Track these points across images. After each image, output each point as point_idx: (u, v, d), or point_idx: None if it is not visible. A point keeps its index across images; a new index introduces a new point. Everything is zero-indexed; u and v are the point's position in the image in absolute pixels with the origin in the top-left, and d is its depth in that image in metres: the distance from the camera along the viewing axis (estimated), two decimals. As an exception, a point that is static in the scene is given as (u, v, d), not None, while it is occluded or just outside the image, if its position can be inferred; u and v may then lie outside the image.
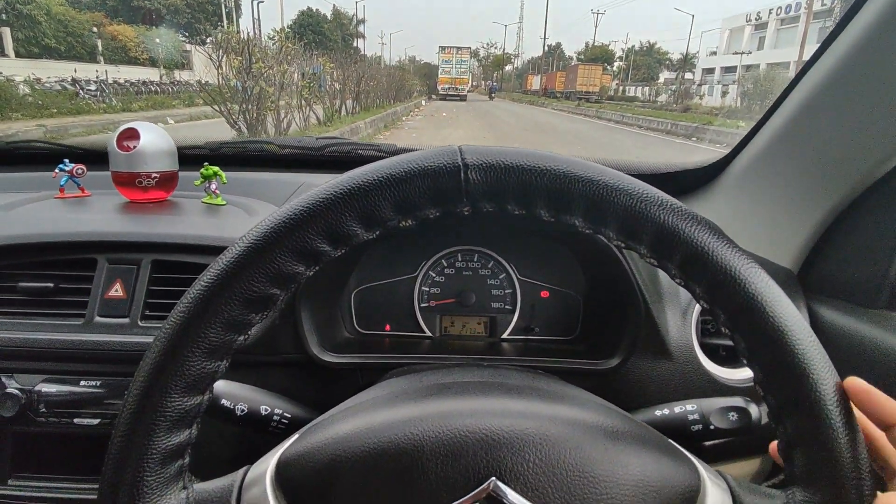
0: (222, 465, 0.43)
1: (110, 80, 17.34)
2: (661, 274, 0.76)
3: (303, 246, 0.35)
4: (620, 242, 0.37)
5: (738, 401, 0.54)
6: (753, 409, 0.53)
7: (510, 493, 0.34)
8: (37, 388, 0.68)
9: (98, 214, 0.85)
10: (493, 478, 0.34)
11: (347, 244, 0.36)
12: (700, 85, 39.96)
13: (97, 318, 0.71)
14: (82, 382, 0.69)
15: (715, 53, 49.08)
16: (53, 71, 15.98)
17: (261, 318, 0.36)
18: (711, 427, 0.53)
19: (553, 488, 0.34)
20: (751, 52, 38.71)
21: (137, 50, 22.96)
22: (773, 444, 0.38)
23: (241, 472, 0.39)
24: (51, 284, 0.72)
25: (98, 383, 0.69)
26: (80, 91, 15.09)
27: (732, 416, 0.53)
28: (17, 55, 17.35)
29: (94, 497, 0.36)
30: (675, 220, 0.35)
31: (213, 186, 0.91)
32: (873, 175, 0.69)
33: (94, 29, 21.05)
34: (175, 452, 0.36)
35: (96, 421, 0.68)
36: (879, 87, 0.65)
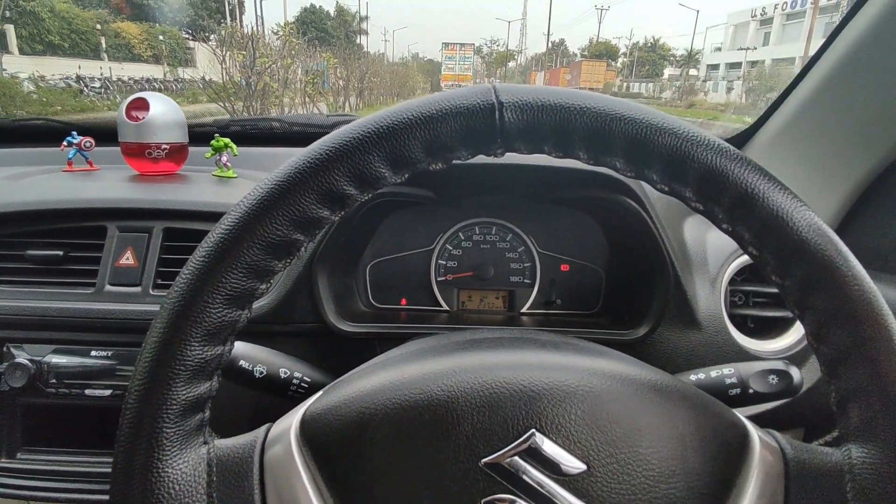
0: (241, 429, 0.41)
1: (114, 78, 17.35)
2: (690, 243, 0.74)
3: (328, 188, 0.33)
4: (664, 186, 0.34)
5: (778, 364, 0.52)
6: (795, 372, 0.51)
7: (551, 446, 0.32)
8: (46, 358, 0.66)
9: (108, 184, 0.83)
10: (533, 430, 0.32)
11: (375, 187, 0.34)
12: (705, 81, 39.88)
13: (108, 287, 0.69)
14: (93, 353, 0.67)
15: (720, 49, 48.89)
16: (58, 68, 15.98)
17: (283, 266, 0.34)
18: (750, 391, 0.51)
19: (596, 441, 0.32)
20: (756, 48, 38.54)
21: (142, 47, 22.98)
22: None
23: (263, 428, 0.37)
24: (60, 253, 0.70)
25: (109, 353, 0.67)
26: (85, 88, 15.10)
27: (773, 379, 0.51)
28: (21, 52, 17.38)
29: (107, 470, 0.34)
30: (723, 162, 0.32)
31: (224, 159, 0.89)
32: None
33: (99, 26, 21.08)
34: (195, 405, 0.34)
35: (107, 392, 0.66)
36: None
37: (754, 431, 0.36)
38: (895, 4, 0.62)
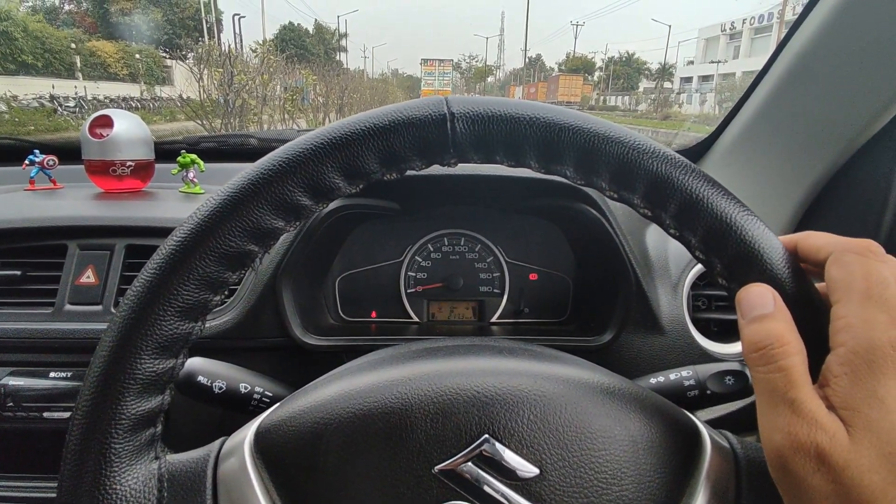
0: (199, 445, 0.40)
1: (89, 97, 17.13)
2: (651, 249, 0.76)
3: (282, 199, 0.33)
4: (613, 193, 0.35)
5: (734, 365, 0.53)
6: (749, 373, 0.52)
7: (504, 451, 0.32)
8: (3, 381, 0.64)
9: (70, 202, 0.82)
10: (486, 435, 0.32)
11: (329, 198, 0.34)
12: (679, 93, 40.86)
13: (67, 306, 0.68)
14: (52, 374, 0.65)
15: (692, 63, 50.23)
16: (31, 88, 15.72)
17: (238, 277, 0.34)
18: (708, 392, 0.52)
19: (549, 445, 0.32)
20: (726, 61, 39.69)
21: (118, 66, 22.77)
22: None
23: (217, 442, 0.37)
24: (18, 272, 0.68)
25: (69, 374, 0.65)
26: (59, 108, 14.88)
27: (729, 379, 0.52)
28: (-6, 72, 17.13)
29: None
30: (668, 169, 0.33)
31: (191, 175, 0.89)
32: (856, 143, 0.69)
33: (73, 45, 20.84)
34: (146, 419, 0.33)
35: (67, 414, 0.65)
36: (857, 56, 0.65)
37: (706, 432, 0.36)
38: (835, 16, 0.65)
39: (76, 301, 0.68)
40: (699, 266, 0.74)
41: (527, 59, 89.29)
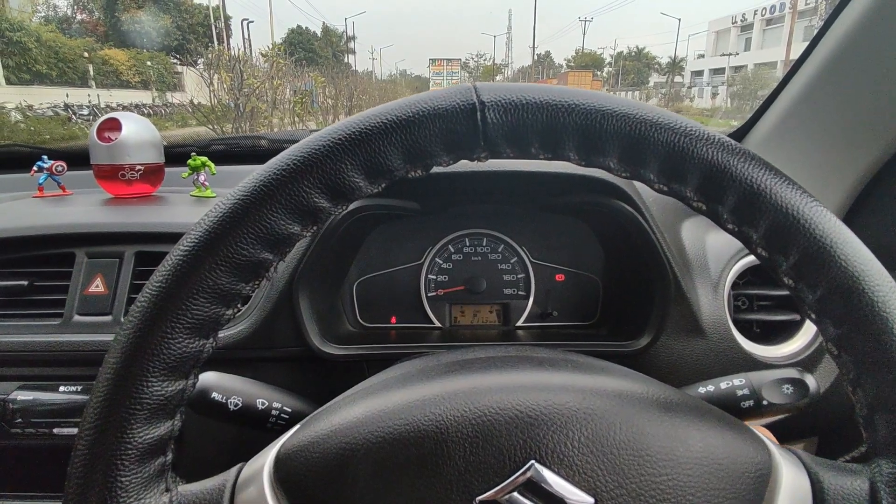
0: (216, 469, 0.37)
1: (102, 104, 17.43)
2: (689, 246, 0.71)
3: (297, 202, 0.29)
4: (662, 185, 0.32)
5: (791, 372, 0.49)
6: (810, 381, 0.48)
7: (553, 478, 0.29)
8: (11, 396, 0.62)
9: (78, 208, 0.80)
10: (533, 461, 0.29)
11: (348, 199, 0.31)
12: (690, 87, 40.53)
13: (76, 317, 0.65)
14: (62, 388, 0.63)
15: (703, 56, 49.73)
16: (45, 97, 16.06)
17: (251, 288, 0.31)
18: (764, 402, 0.47)
19: (603, 470, 0.29)
20: (738, 54, 39.25)
21: (130, 73, 23.13)
22: None
23: (234, 469, 0.34)
24: (25, 282, 0.66)
25: (79, 388, 0.63)
26: (73, 116, 15.16)
27: (787, 388, 0.48)
28: (9, 82, 17.48)
29: None
30: (726, 157, 0.30)
31: (202, 178, 0.86)
32: None
33: (86, 54, 21.22)
34: (155, 448, 0.30)
35: (77, 430, 0.62)
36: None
37: (775, 450, 0.33)
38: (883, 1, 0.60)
39: (85, 311, 0.66)
40: (740, 263, 0.70)
41: (535, 57, 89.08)
